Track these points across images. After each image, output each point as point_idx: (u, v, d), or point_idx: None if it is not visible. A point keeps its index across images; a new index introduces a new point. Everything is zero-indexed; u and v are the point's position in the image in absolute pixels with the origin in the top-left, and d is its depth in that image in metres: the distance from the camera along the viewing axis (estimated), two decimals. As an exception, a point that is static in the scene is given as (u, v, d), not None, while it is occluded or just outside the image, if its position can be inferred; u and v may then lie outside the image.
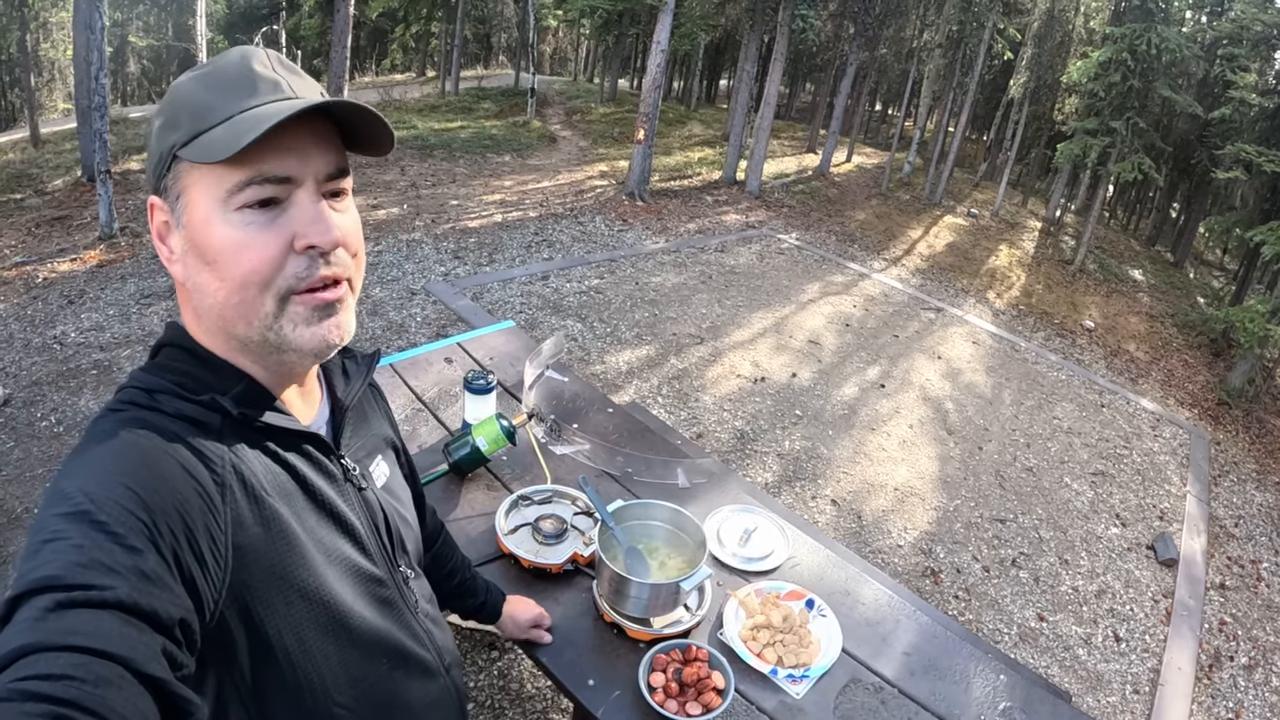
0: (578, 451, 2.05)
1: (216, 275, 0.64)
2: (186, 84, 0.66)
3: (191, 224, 0.65)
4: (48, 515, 0.54)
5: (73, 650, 0.46)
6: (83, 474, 0.57)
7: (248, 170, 0.62)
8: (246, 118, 0.61)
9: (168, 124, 0.65)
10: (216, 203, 0.63)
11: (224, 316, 0.66)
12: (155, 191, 0.68)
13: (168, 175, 0.65)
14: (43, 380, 4.19)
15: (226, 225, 0.63)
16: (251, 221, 0.63)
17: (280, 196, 0.64)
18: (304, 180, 0.65)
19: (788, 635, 1.52)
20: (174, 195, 0.65)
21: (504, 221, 8.35)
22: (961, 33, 13.55)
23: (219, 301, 0.65)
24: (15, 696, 0.43)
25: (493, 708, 2.52)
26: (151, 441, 0.61)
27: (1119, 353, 9.09)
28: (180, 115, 0.64)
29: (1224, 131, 11.45)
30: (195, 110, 0.63)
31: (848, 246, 10.44)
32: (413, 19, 21.23)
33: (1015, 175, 18.22)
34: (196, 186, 0.64)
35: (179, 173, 0.64)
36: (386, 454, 0.93)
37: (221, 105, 0.63)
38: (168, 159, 0.65)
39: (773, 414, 5.30)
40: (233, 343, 0.69)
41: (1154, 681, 3.77)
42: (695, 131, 16.73)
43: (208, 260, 0.64)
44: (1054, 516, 4.97)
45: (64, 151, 9.72)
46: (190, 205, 0.64)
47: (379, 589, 0.79)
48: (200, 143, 0.62)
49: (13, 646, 0.45)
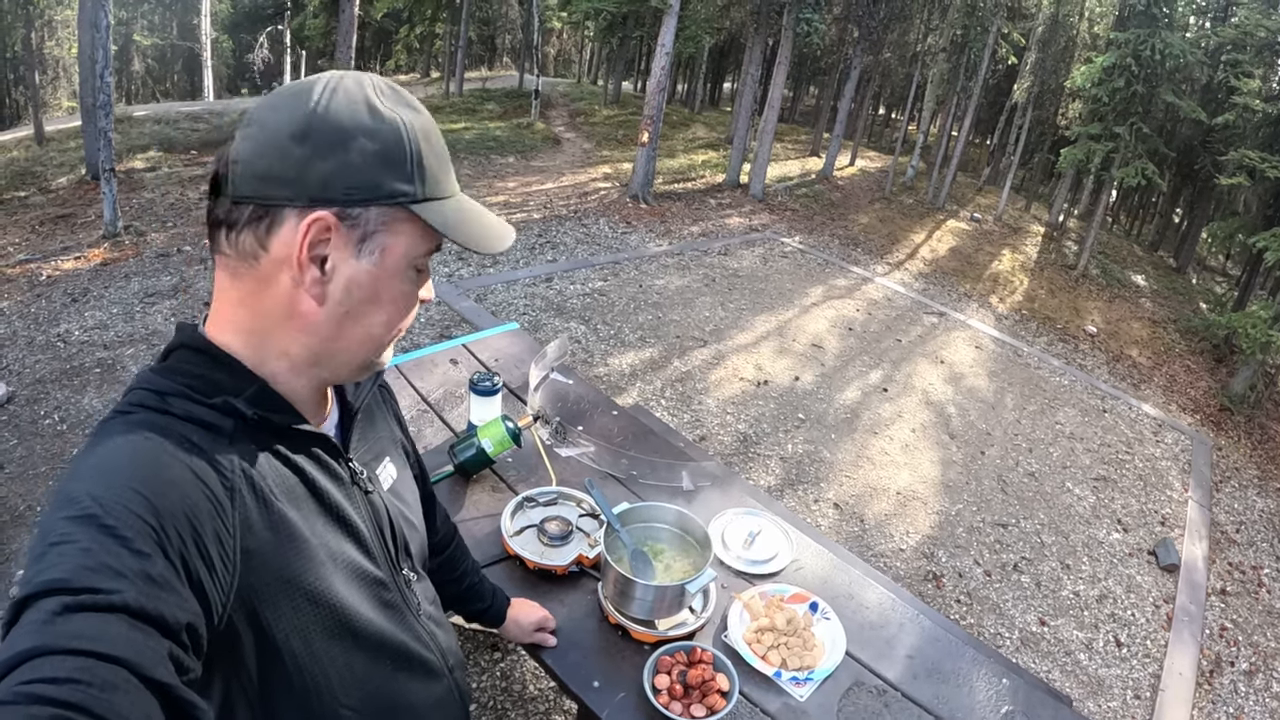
0: (583, 454, 2.06)
1: (389, 312, 0.72)
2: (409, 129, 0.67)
3: (385, 266, 0.69)
4: (55, 518, 0.54)
5: (79, 654, 0.46)
6: (91, 477, 0.57)
7: (434, 240, 0.71)
8: (464, 205, 0.72)
9: (387, 160, 0.65)
10: (409, 260, 0.70)
11: (347, 349, 0.72)
12: (332, 206, 0.65)
13: (372, 209, 0.66)
14: (46, 378, 4.20)
15: (405, 281, 0.71)
16: (414, 283, 0.73)
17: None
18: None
19: (792, 638, 1.52)
20: (369, 230, 0.67)
21: (508, 223, 8.35)
22: (965, 37, 13.56)
23: (359, 337, 0.72)
24: (21, 699, 0.43)
25: (495, 709, 2.52)
26: (161, 445, 0.61)
27: (1121, 358, 9.08)
28: (405, 163, 0.66)
29: (1227, 137, 11.45)
30: (428, 172, 0.68)
31: (851, 250, 10.45)
32: (417, 20, 21.24)
33: (1018, 180, 18.21)
34: (404, 238, 0.69)
35: (393, 217, 0.67)
36: (395, 456, 0.93)
37: (442, 179, 0.70)
38: (386, 198, 0.66)
39: (775, 417, 5.31)
40: (303, 364, 0.72)
41: (1155, 687, 3.77)
42: (699, 134, 16.74)
43: (383, 300, 0.71)
44: (1056, 521, 4.97)
45: (68, 149, 9.74)
46: (390, 250, 0.68)
47: (382, 592, 0.79)
48: (436, 210, 0.69)
49: (19, 649, 0.45)
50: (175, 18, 25.91)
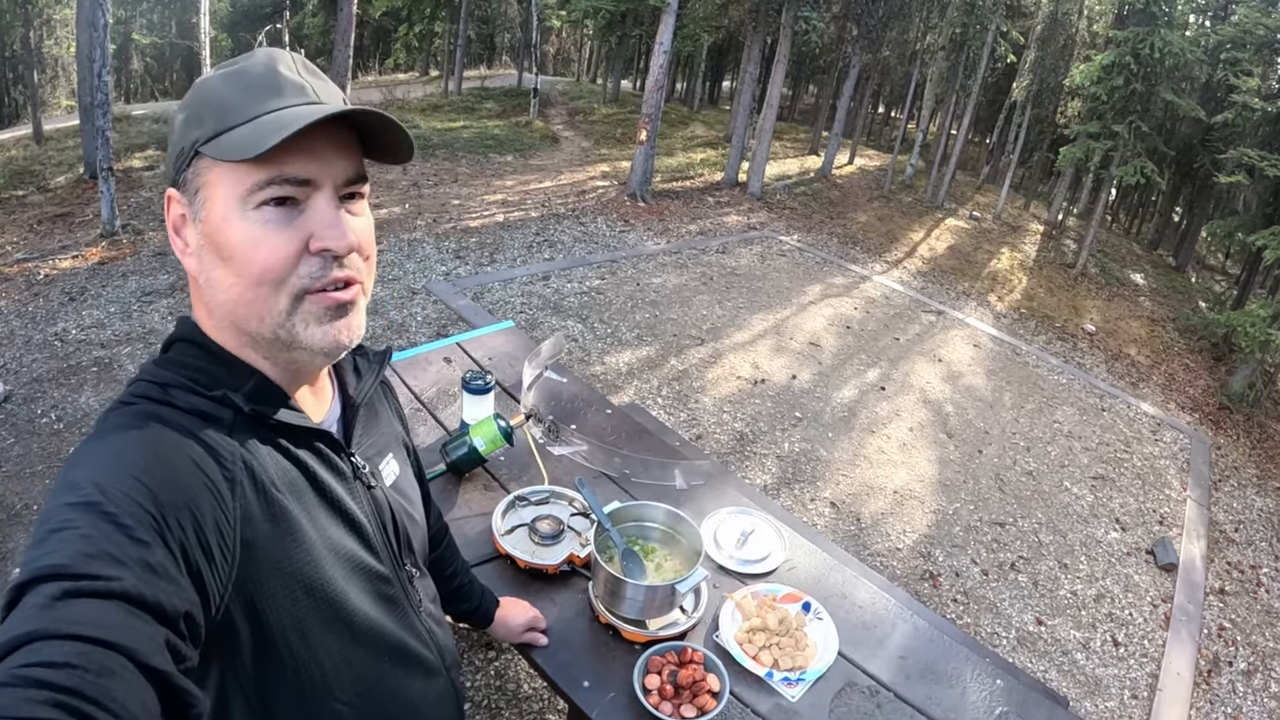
0: (575, 452, 2.05)
1: (232, 271, 0.65)
2: (212, 81, 0.66)
3: (210, 219, 0.65)
4: (57, 504, 0.54)
5: (77, 639, 0.46)
6: (93, 465, 0.58)
7: (268, 170, 0.63)
8: (271, 119, 0.62)
9: (191, 119, 0.65)
10: (236, 200, 0.64)
11: (236, 313, 0.67)
12: (174, 185, 0.68)
13: (188, 170, 0.66)
14: (43, 377, 4.19)
15: (244, 222, 0.64)
16: (269, 220, 0.64)
17: (298, 198, 0.65)
18: (323, 184, 0.66)
19: (784, 638, 1.52)
20: (193, 190, 0.66)
21: (505, 221, 8.35)
22: (964, 35, 13.54)
23: (232, 298, 0.66)
24: (18, 683, 0.43)
25: (489, 708, 2.52)
26: (163, 435, 0.61)
27: (1120, 357, 9.08)
28: (204, 112, 0.65)
29: (1227, 136, 11.44)
30: (219, 108, 0.64)
31: (849, 249, 10.44)
32: (416, 18, 21.21)
33: (1017, 178, 18.20)
34: (218, 184, 0.64)
35: (200, 168, 0.65)
36: (397, 452, 0.93)
37: (246, 105, 0.64)
38: (189, 154, 0.65)
39: (772, 416, 5.30)
40: (244, 338, 0.69)
41: (1152, 687, 3.76)
42: (698, 133, 16.72)
43: (224, 256, 0.65)
44: (1053, 520, 4.96)
45: (66, 148, 9.72)
46: (209, 201, 0.65)
47: (384, 587, 0.79)
48: (223, 141, 0.63)
49: (18, 633, 0.46)
50: (174, 16, 25.88)
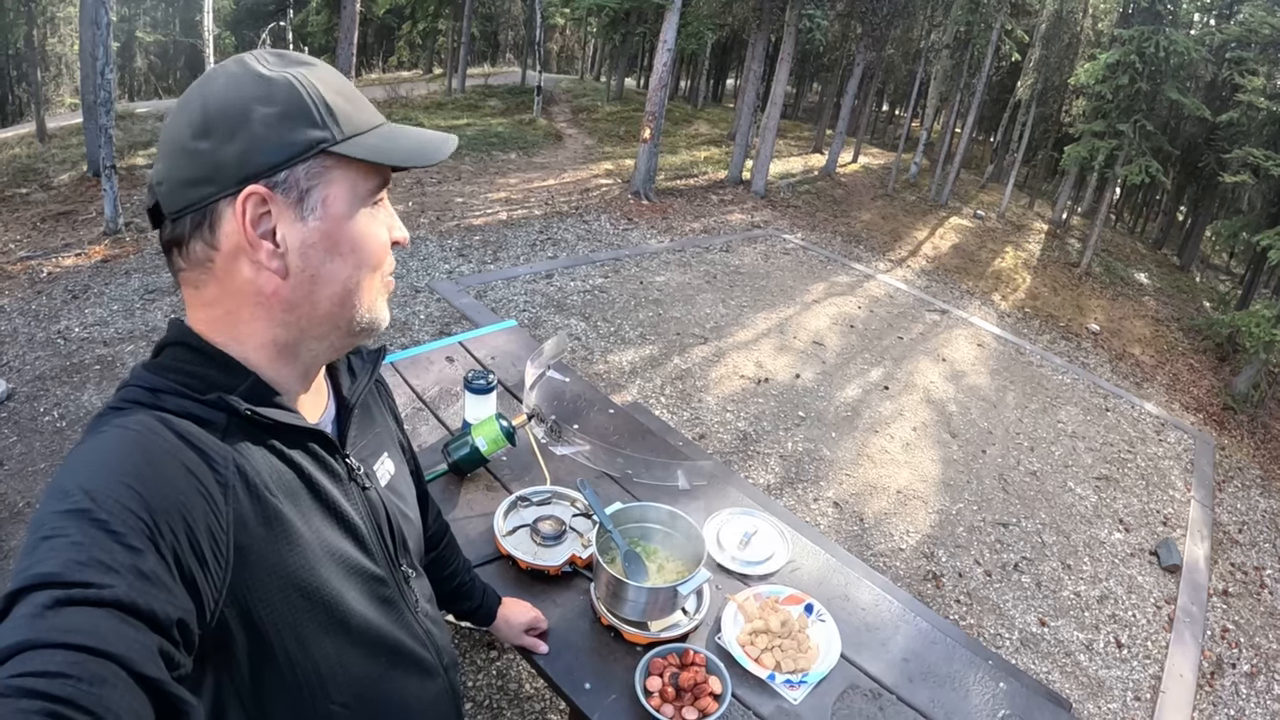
0: (577, 452, 2.05)
1: (352, 261, 0.70)
2: (310, 82, 0.65)
3: (331, 217, 0.68)
4: (47, 512, 0.54)
5: (69, 648, 0.46)
6: (84, 471, 0.57)
7: (381, 176, 0.72)
8: (392, 131, 0.71)
9: (292, 116, 0.64)
10: (358, 199, 0.69)
11: (345, 303, 0.71)
12: (257, 180, 0.64)
13: (299, 168, 0.65)
14: (46, 375, 4.20)
15: (365, 219, 0.71)
16: (376, 216, 0.72)
17: (381, 199, 0.74)
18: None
19: (786, 640, 1.51)
20: (303, 189, 0.65)
21: (509, 219, 8.35)
22: (969, 34, 13.50)
23: (349, 289, 0.71)
24: (11, 693, 0.43)
25: (491, 708, 2.52)
26: (154, 440, 0.60)
27: (1124, 356, 9.05)
28: (316, 114, 0.65)
29: (1232, 135, 11.40)
30: (338, 114, 0.67)
31: (853, 247, 10.42)
32: (419, 16, 21.21)
33: (1022, 177, 18.16)
34: (341, 183, 0.68)
35: (323, 166, 0.66)
36: (392, 452, 0.92)
37: (358, 115, 0.69)
38: (306, 152, 0.65)
39: (776, 415, 5.29)
40: (286, 334, 0.70)
41: (1155, 689, 3.75)
42: (701, 131, 16.71)
43: (344, 250, 0.69)
44: (1057, 521, 4.95)
45: (70, 146, 9.74)
46: (332, 200, 0.68)
47: (380, 588, 0.79)
48: (360, 144, 0.67)
49: (9, 642, 0.45)
50: (178, 14, 25.89)
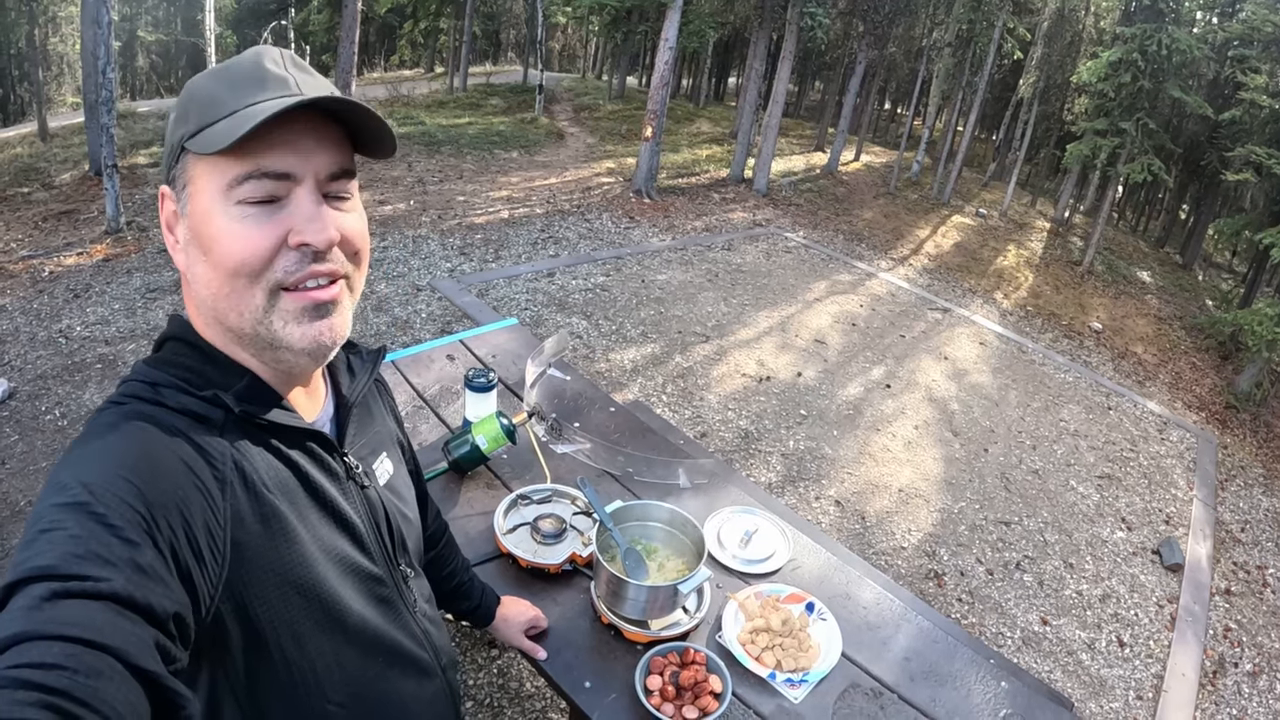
0: (578, 451, 2.04)
1: (211, 264, 0.65)
2: (200, 79, 0.68)
3: (193, 213, 0.65)
4: (46, 505, 0.54)
5: (66, 640, 0.46)
6: (82, 465, 0.57)
7: (247, 164, 0.63)
8: (248, 112, 0.62)
9: (180, 117, 0.66)
10: (218, 194, 0.64)
11: (217, 308, 0.67)
12: (166, 182, 0.69)
13: (177, 166, 0.67)
14: (47, 374, 4.20)
15: (224, 217, 0.64)
16: (248, 215, 0.64)
17: (279, 194, 0.65)
18: (304, 178, 0.65)
19: (787, 639, 1.51)
20: (181, 185, 0.67)
21: (510, 218, 8.35)
22: (971, 32, 13.47)
23: (211, 292, 0.66)
24: (7, 684, 0.43)
25: (491, 706, 2.52)
26: (153, 435, 0.61)
27: (1126, 355, 9.03)
28: (191, 109, 0.65)
29: (1234, 133, 11.36)
30: (204, 104, 0.65)
31: (855, 245, 10.40)
32: (421, 15, 21.20)
33: (1024, 175, 18.13)
34: (201, 178, 0.65)
35: (186, 164, 0.66)
36: (391, 451, 0.92)
37: (229, 100, 0.64)
38: (177, 150, 0.66)
39: (777, 413, 5.28)
40: (229, 335, 0.69)
41: (1157, 688, 3.74)
42: (703, 129, 16.69)
43: (204, 249, 0.65)
44: (1059, 520, 4.94)
45: (71, 145, 9.75)
46: (194, 195, 0.65)
47: (378, 587, 0.79)
48: (204, 135, 0.63)
49: (6, 634, 0.46)
50: (179, 13, 25.93)
